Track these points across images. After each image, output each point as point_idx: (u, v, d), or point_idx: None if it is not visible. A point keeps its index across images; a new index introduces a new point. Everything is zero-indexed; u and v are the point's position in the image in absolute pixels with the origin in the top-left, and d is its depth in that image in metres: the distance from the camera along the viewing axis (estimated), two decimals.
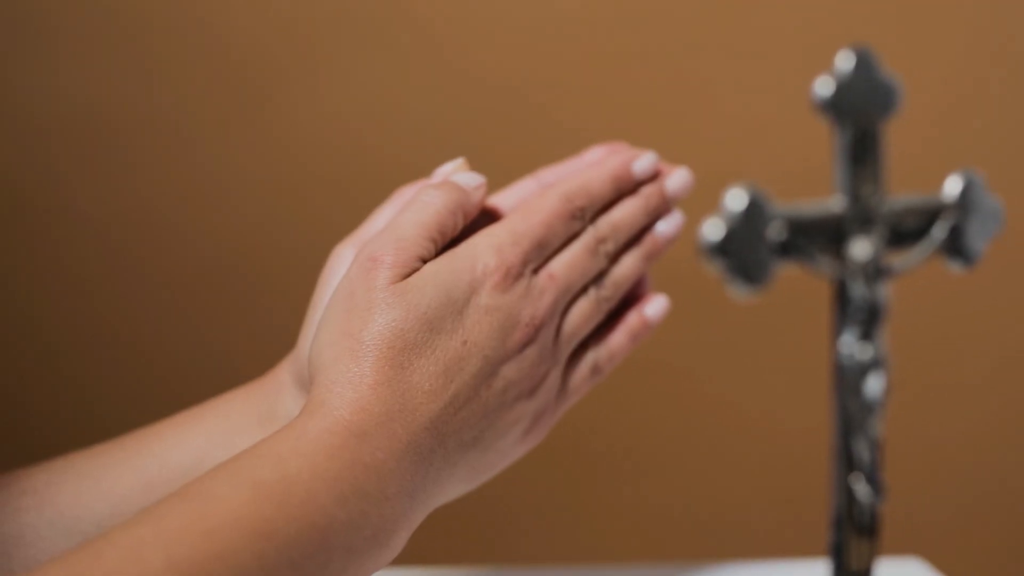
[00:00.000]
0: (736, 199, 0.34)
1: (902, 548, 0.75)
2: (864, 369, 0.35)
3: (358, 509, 0.45)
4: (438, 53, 1.13)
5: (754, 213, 0.34)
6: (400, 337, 0.48)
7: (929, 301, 1.16)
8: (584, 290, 0.54)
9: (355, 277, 0.50)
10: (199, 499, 0.42)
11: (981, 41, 1.13)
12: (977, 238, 0.36)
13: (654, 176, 0.57)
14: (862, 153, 0.35)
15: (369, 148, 1.14)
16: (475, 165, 0.61)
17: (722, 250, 0.33)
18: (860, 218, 0.35)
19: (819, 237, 0.35)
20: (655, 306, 0.57)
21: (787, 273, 0.35)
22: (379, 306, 0.49)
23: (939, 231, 0.36)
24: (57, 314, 1.21)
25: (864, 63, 0.34)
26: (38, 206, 1.18)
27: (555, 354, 0.53)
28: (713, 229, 0.33)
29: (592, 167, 0.56)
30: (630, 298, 0.58)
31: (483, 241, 0.51)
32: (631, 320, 0.57)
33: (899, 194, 0.36)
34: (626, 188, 0.56)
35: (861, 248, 0.35)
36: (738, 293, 0.34)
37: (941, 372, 1.21)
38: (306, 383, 0.53)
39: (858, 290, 0.35)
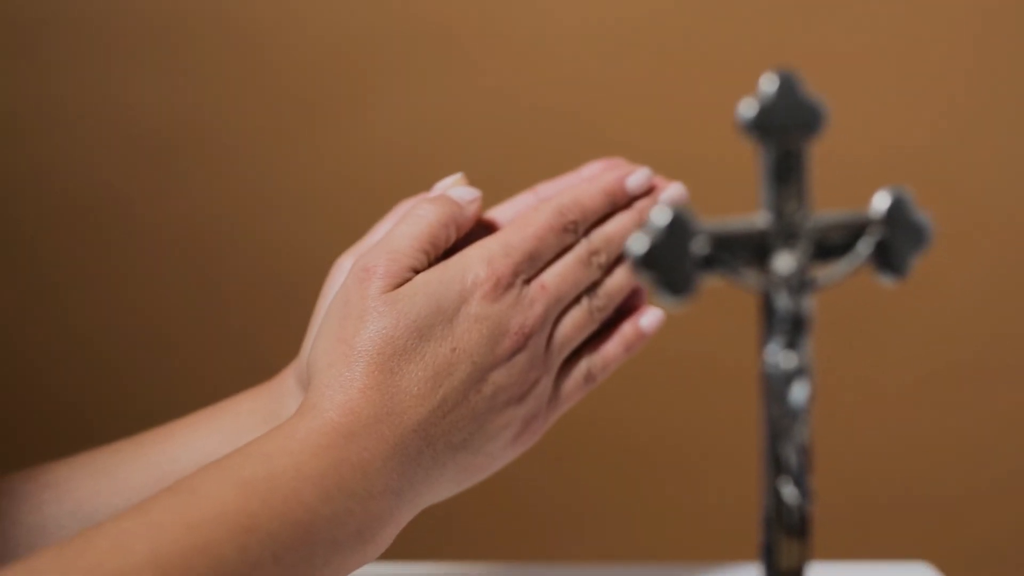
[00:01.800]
0: (660, 215, 0.36)
1: (910, 553, 0.76)
2: (789, 377, 0.37)
3: (343, 506, 0.48)
4: (480, 74, 1.16)
5: (678, 228, 0.36)
6: (390, 344, 0.51)
7: (938, 304, 1.17)
8: (577, 300, 0.57)
9: (350, 287, 0.53)
10: (186, 494, 0.45)
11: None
12: (905, 253, 0.38)
13: (649, 191, 0.59)
14: (786, 172, 0.36)
15: (412, 164, 1.18)
16: (516, 184, 0.64)
17: (647, 263, 0.35)
18: (784, 233, 0.37)
19: (743, 252, 0.36)
20: (650, 317, 0.59)
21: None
22: (371, 314, 0.52)
23: (864, 246, 0.37)
24: (101, 314, 1.26)
25: (787, 85, 0.36)
26: (98, 213, 1.23)
27: (546, 361, 0.55)
28: (638, 243, 0.35)
29: (587, 182, 0.58)
30: (627, 308, 0.60)
31: (475, 253, 0.54)
32: (626, 330, 0.59)
33: (826, 210, 0.38)
34: (620, 202, 0.58)
35: (784, 262, 0.36)
36: (665, 304, 0.36)
37: (948, 378, 1.21)
38: (306, 386, 0.56)
39: (782, 302, 0.36)
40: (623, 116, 1.16)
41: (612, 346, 0.59)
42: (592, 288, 0.57)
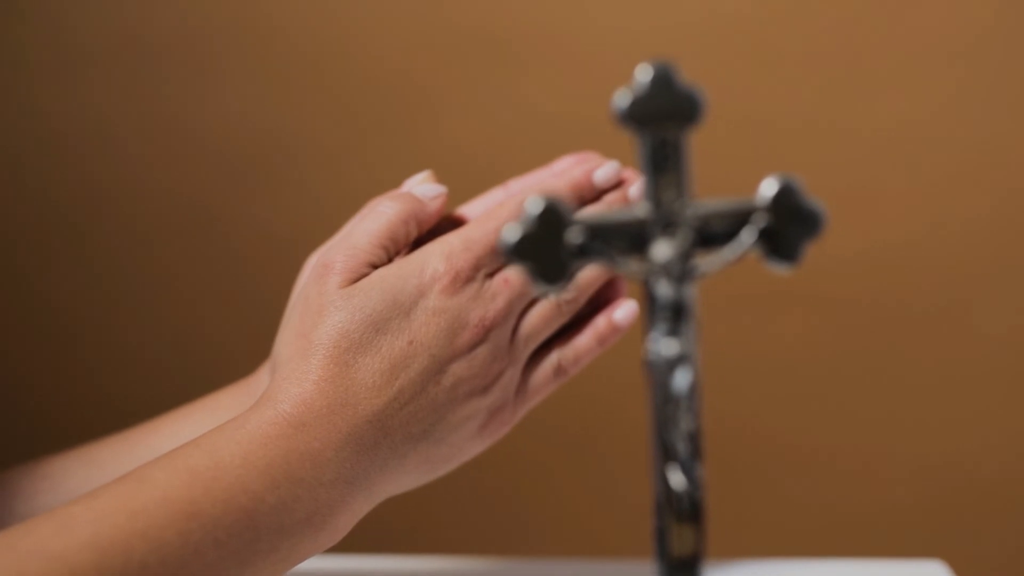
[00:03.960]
0: (533, 205, 0.36)
1: (927, 551, 0.75)
2: (671, 365, 0.37)
3: (290, 494, 0.50)
4: (541, 82, 1.19)
5: (551, 218, 0.36)
6: (346, 337, 0.52)
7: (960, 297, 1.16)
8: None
9: (310, 282, 0.55)
10: (134, 482, 0.48)
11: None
12: (794, 240, 0.38)
13: (617, 184, 0.59)
14: (663, 161, 0.37)
15: (479, 171, 1.20)
16: None
17: (519, 253, 0.36)
18: (663, 222, 0.37)
19: (621, 241, 0.37)
20: (624, 310, 0.60)
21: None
22: (328, 309, 0.53)
23: (748, 234, 0.37)
24: (187, 320, 1.31)
25: (662, 75, 0.36)
26: (183, 223, 1.29)
27: (511, 354, 0.56)
28: (511, 233, 0.36)
29: (555, 176, 0.59)
30: (604, 301, 0.60)
31: (435, 248, 0.55)
32: (599, 323, 0.59)
33: (710, 197, 0.38)
34: (588, 196, 0.59)
35: (662, 250, 0.37)
36: (542, 292, 0.37)
37: (966, 381, 1.20)
38: None
39: (663, 290, 0.37)
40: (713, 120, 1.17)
41: (584, 339, 0.59)
42: None
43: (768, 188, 0.38)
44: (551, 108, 1.21)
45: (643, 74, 0.36)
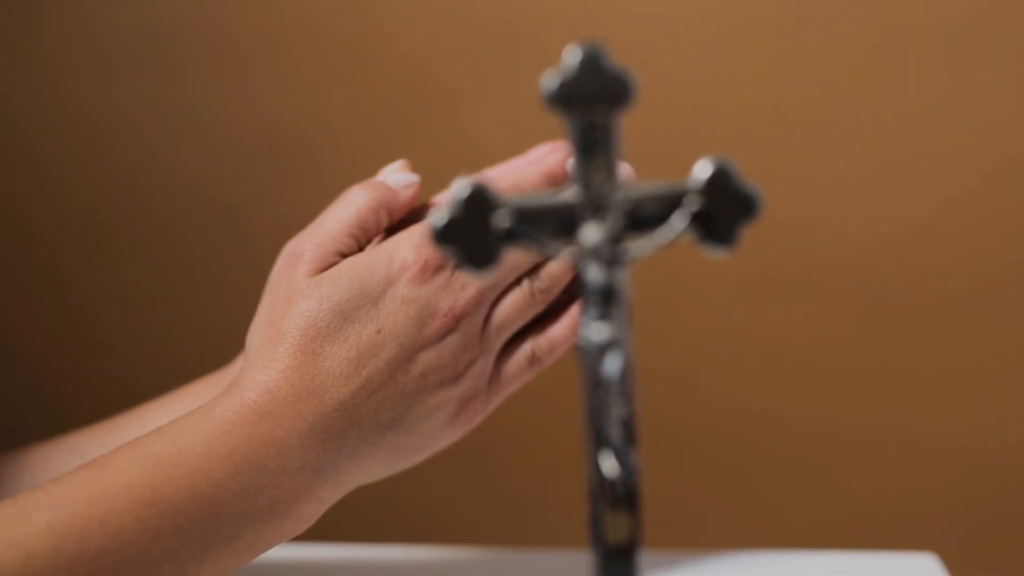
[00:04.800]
0: (461, 189, 0.36)
1: (922, 545, 0.74)
2: (601, 350, 0.36)
3: (253, 481, 0.50)
4: None
5: (478, 202, 0.36)
6: (313, 326, 0.53)
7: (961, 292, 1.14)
8: (518, 282, 0.57)
9: (280, 271, 0.55)
10: (96, 469, 0.48)
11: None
12: (730, 223, 0.37)
13: None
14: (592, 144, 0.36)
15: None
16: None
17: (446, 237, 0.36)
18: (592, 206, 0.36)
19: (549, 225, 0.37)
20: None
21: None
22: (296, 297, 0.53)
23: (679, 217, 0.37)
24: (216, 315, 1.33)
25: (591, 57, 0.36)
26: (213, 217, 1.30)
27: (483, 343, 0.56)
28: (438, 217, 0.36)
29: (529, 165, 0.59)
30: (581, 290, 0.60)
31: (405, 237, 0.55)
32: (575, 312, 0.59)
33: (642, 181, 0.37)
34: (562, 184, 0.58)
35: (591, 234, 0.36)
36: (471, 276, 0.36)
37: (960, 369, 1.18)
38: None
39: (592, 274, 0.36)
40: (722, 111, 1.17)
41: (559, 328, 0.59)
42: (534, 270, 0.57)
43: (701, 171, 0.37)
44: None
45: (572, 56, 0.36)
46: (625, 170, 0.57)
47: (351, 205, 0.56)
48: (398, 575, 0.69)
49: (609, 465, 0.37)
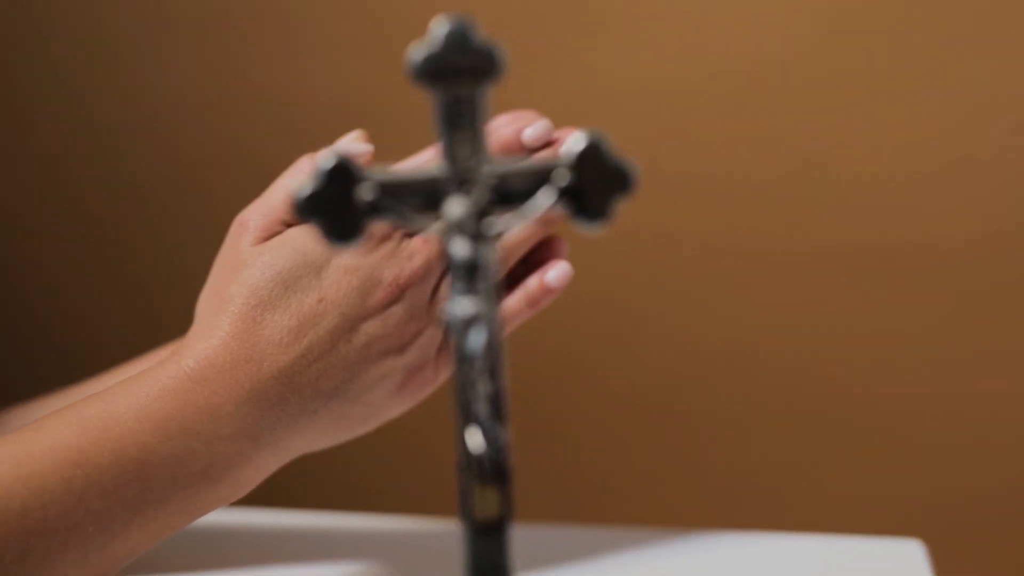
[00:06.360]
0: (325, 160, 0.36)
1: (911, 531, 0.73)
2: (466, 324, 0.36)
3: (184, 447, 0.51)
4: (639, 44, 1.21)
5: (342, 174, 0.36)
6: (255, 294, 0.53)
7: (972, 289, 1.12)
8: None
9: (228, 240, 0.55)
10: (31, 431, 0.49)
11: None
12: (602, 198, 0.37)
13: (549, 144, 0.58)
14: (457, 117, 0.36)
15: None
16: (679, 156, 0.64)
17: (309, 209, 0.36)
18: (457, 180, 0.36)
19: (414, 199, 0.36)
20: (556, 271, 0.59)
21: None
22: (240, 267, 0.54)
23: (545, 193, 0.37)
24: None
25: (458, 30, 0.36)
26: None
27: (431, 313, 0.56)
28: (302, 188, 0.36)
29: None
30: (538, 263, 0.60)
31: None
32: (530, 284, 0.59)
33: (513, 156, 0.37)
34: (517, 155, 0.58)
35: (456, 208, 0.36)
36: (334, 248, 0.36)
37: (956, 355, 1.15)
38: None
39: (457, 248, 0.36)
40: (784, 89, 1.17)
41: (513, 300, 0.59)
42: None
43: (573, 144, 0.37)
44: (621, 74, 1.20)
45: (438, 28, 0.36)
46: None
47: (300, 175, 0.56)
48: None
49: (475, 441, 0.37)
